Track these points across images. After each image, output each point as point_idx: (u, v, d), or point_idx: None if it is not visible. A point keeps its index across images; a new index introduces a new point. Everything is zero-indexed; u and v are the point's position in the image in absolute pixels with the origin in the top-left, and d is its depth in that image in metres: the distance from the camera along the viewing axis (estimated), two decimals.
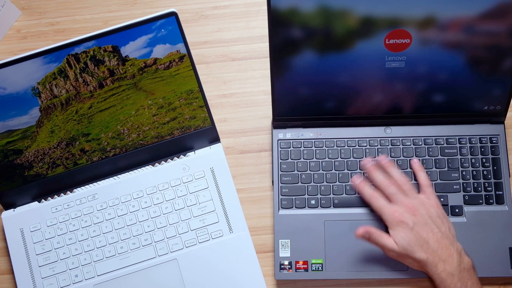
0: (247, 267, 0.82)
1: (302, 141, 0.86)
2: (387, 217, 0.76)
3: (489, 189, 0.83)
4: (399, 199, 0.77)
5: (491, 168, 0.84)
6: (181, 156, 0.87)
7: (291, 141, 0.86)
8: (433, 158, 0.84)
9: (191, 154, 0.87)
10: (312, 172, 0.85)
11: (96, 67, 0.78)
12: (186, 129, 0.85)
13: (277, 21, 0.75)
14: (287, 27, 0.76)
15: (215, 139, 0.88)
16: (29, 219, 0.85)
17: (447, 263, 0.72)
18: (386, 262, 0.80)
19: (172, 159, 0.87)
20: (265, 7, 0.74)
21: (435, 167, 0.84)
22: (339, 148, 0.86)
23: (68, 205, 0.85)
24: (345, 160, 0.85)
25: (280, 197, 0.84)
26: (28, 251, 0.84)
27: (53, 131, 0.82)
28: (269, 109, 0.87)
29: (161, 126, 0.84)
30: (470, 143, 0.85)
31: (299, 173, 0.85)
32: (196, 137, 0.86)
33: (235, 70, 0.93)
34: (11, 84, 0.77)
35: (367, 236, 0.77)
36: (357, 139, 0.86)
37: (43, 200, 0.86)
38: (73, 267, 0.83)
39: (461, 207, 0.82)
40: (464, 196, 0.83)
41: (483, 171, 0.84)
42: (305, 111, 0.85)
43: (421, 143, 0.85)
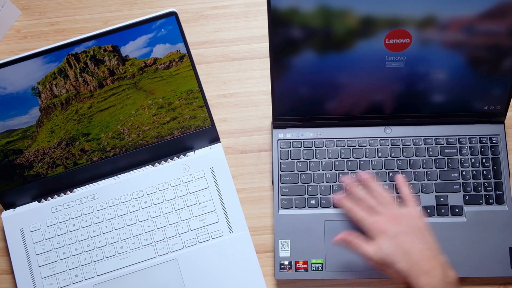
0: (247, 267, 0.82)
1: (302, 141, 0.86)
2: (368, 227, 0.74)
3: (489, 189, 0.83)
4: (381, 210, 0.75)
5: (491, 168, 0.84)
6: (181, 156, 0.87)
7: (291, 141, 0.86)
8: (433, 158, 0.84)
9: (191, 154, 0.87)
10: (312, 172, 0.85)
11: (96, 67, 0.78)
12: (186, 129, 0.85)
13: (277, 21, 0.75)
14: (287, 27, 0.76)
15: (215, 139, 0.88)
16: (29, 219, 0.85)
17: (430, 276, 0.68)
18: None
19: (172, 159, 0.87)
20: (265, 7, 0.74)
21: (435, 167, 0.84)
22: (339, 148, 0.86)
23: (68, 205, 0.85)
24: (345, 160, 0.85)
25: (280, 197, 0.84)
26: (28, 251, 0.84)
27: (53, 131, 0.82)
28: (269, 109, 0.87)
29: (161, 126, 0.84)
30: (470, 143, 0.85)
31: (299, 173, 0.85)
32: (196, 137, 0.86)
33: (235, 70, 0.93)
34: (11, 84, 0.77)
35: (345, 244, 0.76)
36: (357, 139, 0.86)
37: (43, 200, 0.86)
38: (73, 267, 0.83)
39: (461, 207, 0.82)
40: (464, 196, 0.83)
41: (483, 171, 0.84)
42: (305, 111, 0.85)
43: (421, 143, 0.85)
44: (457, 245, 0.81)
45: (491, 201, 0.82)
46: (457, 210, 0.82)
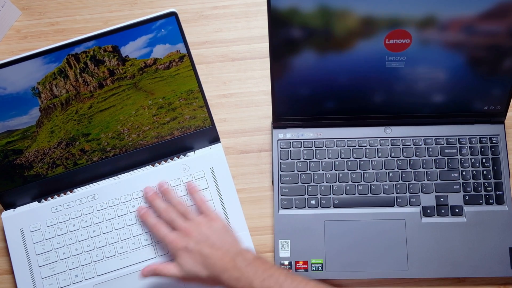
0: None
1: (302, 141, 0.86)
2: (168, 247, 0.78)
3: (489, 189, 0.83)
4: (177, 224, 0.78)
5: (491, 168, 0.84)
6: (181, 156, 0.87)
7: (291, 141, 0.86)
8: (433, 158, 0.84)
9: (191, 154, 0.87)
10: (312, 172, 0.85)
11: (96, 67, 0.78)
12: (186, 129, 0.85)
13: (277, 21, 0.75)
14: (287, 27, 0.76)
15: (215, 139, 0.88)
16: (29, 219, 0.85)
17: (229, 270, 0.72)
18: (386, 262, 0.80)
19: (172, 159, 0.87)
20: (265, 7, 0.74)
21: (435, 167, 0.84)
22: (339, 148, 0.86)
23: (68, 205, 0.85)
24: (345, 160, 0.85)
25: (280, 197, 0.84)
26: (28, 251, 0.84)
27: (53, 131, 0.82)
28: (269, 109, 0.87)
29: (161, 126, 0.84)
30: (470, 143, 0.85)
31: (299, 173, 0.85)
32: (196, 137, 0.86)
33: (235, 70, 0.93)
34: (11, 84, 0.77)
35: (152, 273, 0.78)
36: (357, 139, 0.86)
37: (43, 200, 0.86)
38: (73, 267, 0.83)
39: (461, 207, 0.82)
40: (464, 196, 0.83)
41: (483, 171, 0.84)
42: (305, 111, 0.85)
43: (421, 143, 0.85)
44: (457, 245, 0.81)
45: (491, 201, 0.82)
46: (457, 210, 0.82)
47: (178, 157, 0.87)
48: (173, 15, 0.76)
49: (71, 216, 0.85)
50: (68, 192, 0.86)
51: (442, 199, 0.83)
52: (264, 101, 0.91)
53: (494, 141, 0.85)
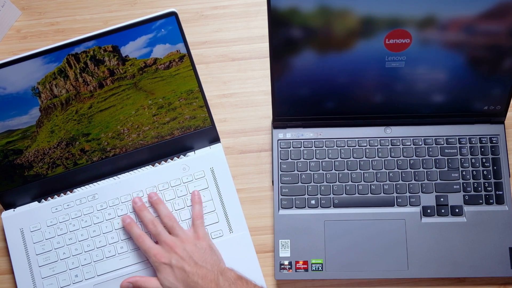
0: (247, 267, 0.82)
1: (302, 141, 0.86)
2: (151, 260, 0.78)
3: (489, 189, 0.83)
4: (162, 238, 0.78)
5: (491, 168, 0.84)
6: (181, 156, 0.87)
7: (291, 141, 0.86)
8: (433, 158, 0.84)
9: (191, 154, 0.87)
10: (312, 172, 0.85)
11: (96, 67, 0.78)
12: (186, 129, 0.85)
13: (277, 21, 0.75)
14: (287, 27, 0.76)
15: (215, 139, 0.88)
16: (29, 219, 0.85)
17: None
18: (386, 262, 0.80)
19: (172, 159, 0.87)
20: (265, 7, 0.74)
21: (435, 167, 0.84)
22: (339, 148, 0.86)
23: (68, 205, 0.85)
24: (345, 160, 0.85)
25: (280, 197, 0.84)
26: (28, 251, 0.84)
27: (53, 131, 0.82)
28: (269, 109, 0.87)
29: (161, 126, 0.84)
30: (470, 143, 0.85)
31: (299, 173, 0.85)
32: (196, 137, 0.86)
33: (235, 70, 0.93)
34: (11, 84, 0.77)
35: (132, 286, 0.79)
36: (357, 139, 0.86)
37: (43, 200, 0.86)
38: (73, 267, 0.83)
39: (461, 207, 0.82)
40: (464, 196, 0.83)
41: (483, 171, 0.84)
42: (305, 111, 0.85)
43: (421, 143, 0.85)
44: (457, 245, 0.81)
45: (491, 201, 0.82)
46: (457, 210, 0.82)
47: (178, 157, 0.87)
48: (173, 15, 0.76)
49: (71, 216, 0.85)
50: (68, 192, 0.86)
51: (442, 199, 0.83)
52: (264, 101, 0.91)
53: (494, 141, 0.85)
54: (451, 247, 0.80)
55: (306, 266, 0.81)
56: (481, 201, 0.82)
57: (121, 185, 0.86)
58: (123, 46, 0.77)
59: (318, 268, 0.81)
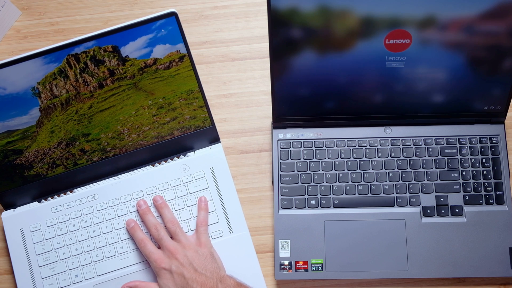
0: (247, 267, 0.82)
1: (302, 141, 0.86)
2: (152, 265, 0.78)
3: (489, 189, 0.83)
4: (163, 243, 0.78)
5: (491, 168, 0.84)
6: (181, 156, 0.87)
7: (291, 141, 0.86)
8: (433, 158, 0.84)
9: (191, 154, 0.87)
10: (312, 172, 0.85)
11: (96, 67, 0.78)
12: (186, 129, 0.85)
13: (277, 21, 0.75)
14: (287, 27, 0.76)
15: (215, 139, 0.88)
16: (29, 219, 0.85)
17: None
18: (386, 262, 0.80)
19: (172, 159, 0.87)
20: (265, 7, 0.74)
21: (435, 167, 0.84)
22: (339, 148, 0.86)
23: (68, 205, 0.85)
24: (345, 160, 0.85)
25: (280, 197, 0.84)
26: (28, 251, 0.84)
27: (53, 131, 0.82)
28: (269, 109, 0.87)
29: (161, 126, 0.84)
30: (470, 143, 0.85)
31: (299, 173, 0.85)
32: (196, 137, 0.86)
33: (235, 70, 0.93)
34: (11, 84, 0.77)
35: None
36: (357, 139, 0.86)
37: (43, 200, 0.86)
38: (73, 267, 0.83)
39: (461, 207, 0.82)
40: (464, 196, 0.83)
41: (483, 171, 0.84)
42: (305, 111, 0.85)
43: (421, 143, 0.85)
44: (457, 245, 0.81)
45: (491, 201, 0.82)
46: (457, 210, 0.82)
47: (178, 157, 0.87)
48: (173, 15, 0.76)
49: (71, 216, 0.85)
50: (68, 192, 0.86)
51: (442, 199, 0.83)
52: (264, 101, 0.91)
53: (494, 141, 0.85)
54: (451, 247, 0.80)
55: (306, 266, 0.81)
56: (481, 201, 0.82)
57: (121, 185, 0.86)
58: (123, 46, 0.77)
59: (318, 268, 0.81)
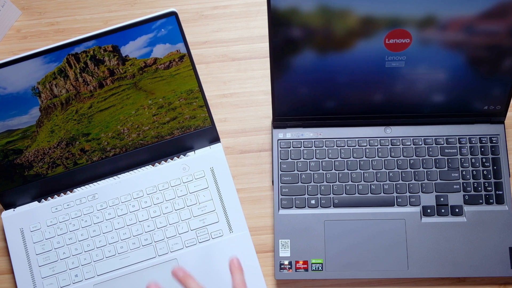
0: (247, 267, 0.82)
1: (302, 141, 0.86)
2: None
3: (489, 189, 0.83)
4: None
5: (491, 168, 0.84)
6: (181, 156, 0.87)
7: (291, 141, 0.86)
8: (433, 158, 0.84)
9: (191, 154, 0.87)
10: (312, 172, 0.85)
11: (96, 67, 0.78)
12: (186, 129, 0.85)
13: (277, 21, 0.75)
14: (287, 27, 0.76)
15: (215, 139, 0.88)
16: (29, 219, 0.85)
17: None
18: (386, 262, 0.80)
19: (172, 159, 0.87)
20: (265, 7, 0.74)
21: (435, 167, 0.84)
22: (339, 148, 0.86)
23: (68, 205, 0.85)
24: (345, 160, 0.85)
25: (280, 197, 0.84)
26: (28, 251, 0.84)
27: (53, 131, 0.82)
28: (269, 109, 0.87)
29: (161, 126, 0.84)
30: (470, 143, 0.85)
31: (299, 173, 0.85)
32: (196, 137, 0.86)
33: (235, 70, 0.93)
34: (11, 84, 0.77)
35: None
36: (357, 139, 0.86)
37: (43, 200, 0.86)
38: (73, 267, 0.83)
39: (461, 207, 0.82)
40: (464, 196, 0.83)
41: (483, 171, 0.84)
42: (305, 111, 0.85)
43: (421, 143, 0.85)
44: (457, 245, 0.81)
45: (491, 201, 0.82)
46: (457, 210, 0.82)
47: (178, 157, 0.87)
48: (173, 15, 0.76)
49: (71, 216, 0.85)
50: (68, 192, 0.86)
51: (442, 199, 0.83)
52: (264, 101, 0.91)
53: (494, 141, 0.85)
54: (451, 247, 0.80)
55: (306, 266, 0.81)
56: (481, 201, 0.82)
57: (121, 185, 0.86)
58: (123, 46, 0.77)
59: (318, 268, 0.81)
